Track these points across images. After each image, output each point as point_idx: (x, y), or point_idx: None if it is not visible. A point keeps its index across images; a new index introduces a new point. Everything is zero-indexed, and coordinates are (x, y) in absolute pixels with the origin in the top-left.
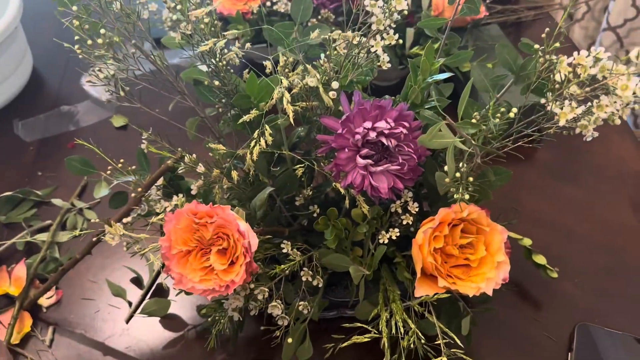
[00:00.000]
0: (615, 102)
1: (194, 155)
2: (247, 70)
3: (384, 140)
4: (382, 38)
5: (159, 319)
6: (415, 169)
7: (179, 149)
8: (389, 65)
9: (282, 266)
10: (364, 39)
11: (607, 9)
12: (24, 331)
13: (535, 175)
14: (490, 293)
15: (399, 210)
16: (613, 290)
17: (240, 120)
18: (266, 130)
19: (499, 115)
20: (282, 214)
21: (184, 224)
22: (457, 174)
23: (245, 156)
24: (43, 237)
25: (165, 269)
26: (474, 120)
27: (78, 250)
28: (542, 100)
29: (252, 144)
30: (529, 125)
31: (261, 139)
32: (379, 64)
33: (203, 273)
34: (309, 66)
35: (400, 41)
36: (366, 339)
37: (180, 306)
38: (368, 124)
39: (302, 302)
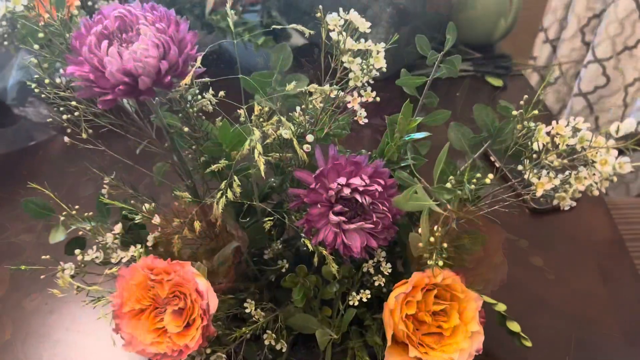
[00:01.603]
0: (594, 174)
1: (152, 204)
2: (220, 118)
3: (358, 197)
4: (360, 95)
5: None
6: (389, 228)
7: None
8: (366, 120)
9: (244, 329)
10: (341, 93)
11: (579, 75)
12: None
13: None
14: None
15: (371, 271)
16: None
17: (209, 170)
18: (234, 181)
19: (474, 181)
20: (248, 267)
21: (138, 280)
22: (432, 239)
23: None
24: None
25: (115, 327)
26: (449, 185)
27: None
28: (520, 167)
29: (219, 195)
30: (506, 191)
31: (229, 190)
32: (356, 118)
33: (155, 335)
34: (283, 118)
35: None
36: None
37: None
38: (342, 180)
39: None
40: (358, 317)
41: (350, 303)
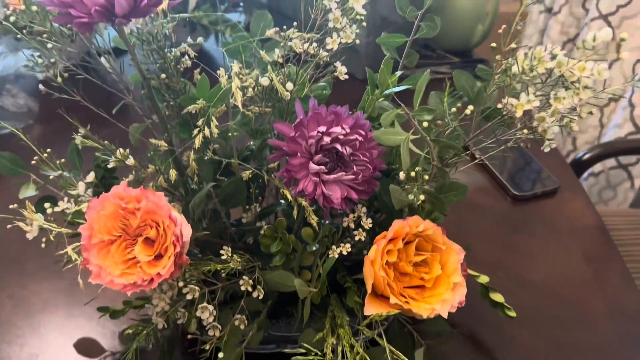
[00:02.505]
0: (572, 95)
1: (127, 151)
2: (198, 69)
3: (338, 147)
4: (339, 36)
5: (73, 343)
6: (370, 180)
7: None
8: (347, 76)
9: (218, 265)
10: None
11: None
12: None
13: (489, 225)
14: (445, 315)
15: (352, 225)
16: (568, 340)
17: (186, 110)
18: (212, 120)
19: (455, 109)
20: (226, 229)
21: (108, 211)
22: (412, 174)
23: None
24: None
25: (84, 261)
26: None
27: None
28: (500, 105)
29: (195, 132)
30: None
31: (206, 128)
32: (336, 74)
33: (125, 266)
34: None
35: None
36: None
37: (100, 333)
38: (323, 128)
39: (238, 316)
40: (337, 283)
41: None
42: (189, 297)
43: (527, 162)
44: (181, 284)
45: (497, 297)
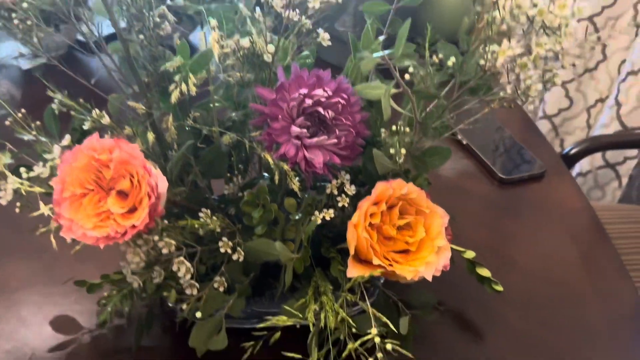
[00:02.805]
0: (553, 42)
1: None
2: (177, 34)
3: (320, 110)
4: None
5: (49, 321)
6: (353, 146)
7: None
8: (329, 43)
9: (195, 222)
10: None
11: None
12: None
13: (476, 209)
14: (429, 278)
15: (335, 192)
16: (556, 319)
17: (164, 67)
18: (190, 78)
19: (436, 58)
20: (207, 199)
21: (81, 163)
22: (394, 127)
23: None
24: None
25: (55, 216)
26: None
27: None
28: (482, 62)
29: (172, 87)
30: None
31: (183, 84)
32: (319, 39)
33: (98, 219)
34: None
35: None
36: (289, 323)
37: (77, 311)
38: (304, 91)
39: (218, 278)
40: (322, 256)
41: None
42: (164, 251)
43: (513, 148)
44: (156, 237)
45: (484, 272)
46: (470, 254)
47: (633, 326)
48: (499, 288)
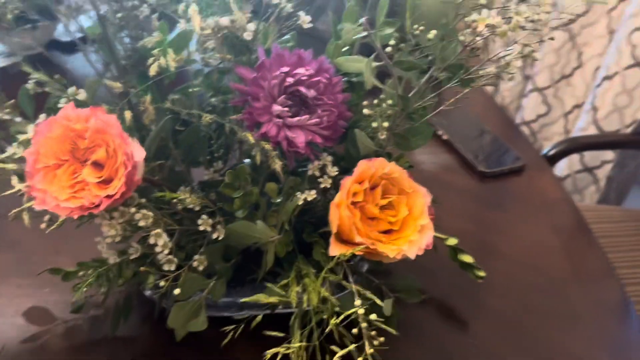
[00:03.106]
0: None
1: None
2: (155, 15)
3: (302, 89)
4: None
5: (23, 312)
6: (335, 126)
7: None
8: (310, 25)
9: (171, 194)
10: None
11: (521, 106)
12: None
13: (458, 202)
14: (412, 257)
15: (317, 173)
16: (539, 305)
17: (141, 43)
18: (169, 53)
19: (417, 28)
20: (186, 181)
21: (56, 133)
22: (375, 101)
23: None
24: None
25: (29, 189)
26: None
27: None
28: (461, 37)
29: (150, 60)
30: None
31: (161, 57)
32: (299, 22)
33: (72, 190)
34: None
35: None
36: (272, 300)
37: (51, 302)
38: (285, 69)
39: (197, 257)
40: (304, 243)
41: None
42: (142, 223)
43: (493, 143)
44: (133, 209)
45: (467, 259)
46: (452, 241)
47: (614, 310)
48: (482, 274)
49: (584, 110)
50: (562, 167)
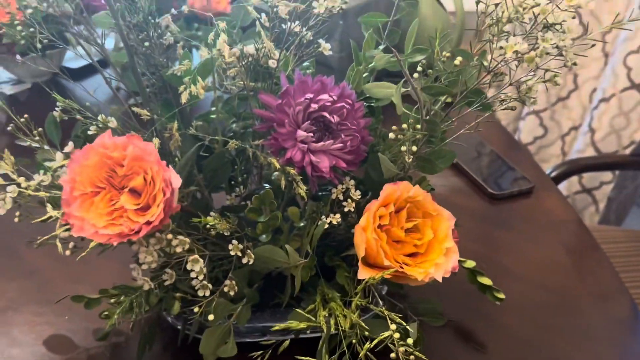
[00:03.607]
0: (558, 37)
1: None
2: (180, 44)
3: (326, 115)
4: None
5: (43, 340)
6: (357, 150)
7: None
8: (330, 52)
9: (207, 219)
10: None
11: (518, 129)
12: None
13: (469, 223)
14: (439, 279)
15: (340, 197)
16: (555, 324)
17: (171, 72)
18: (199, 80)
19: (445, 56)
20: (209, 206)
21: (93, 161)
22: (404, 125)
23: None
24: None
25: (65, 216)
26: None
27: None
28: (485, 62)
29: (181, 88)
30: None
31: (192, 85)
32: (320, 49)
33: (110, 217)
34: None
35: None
36: (302, 327)
37: (71, 330)
38: (310, 95)
39: (228, 282)
40: (326, 266)
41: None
42: (178, 249)
43: (500, 165)
44: (169, 236)
45: (485, 281)
46: (470, 263)
47: (626, 327)
48: (501, 296)
49: (581, 132)
50: (561, 189)
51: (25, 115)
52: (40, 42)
